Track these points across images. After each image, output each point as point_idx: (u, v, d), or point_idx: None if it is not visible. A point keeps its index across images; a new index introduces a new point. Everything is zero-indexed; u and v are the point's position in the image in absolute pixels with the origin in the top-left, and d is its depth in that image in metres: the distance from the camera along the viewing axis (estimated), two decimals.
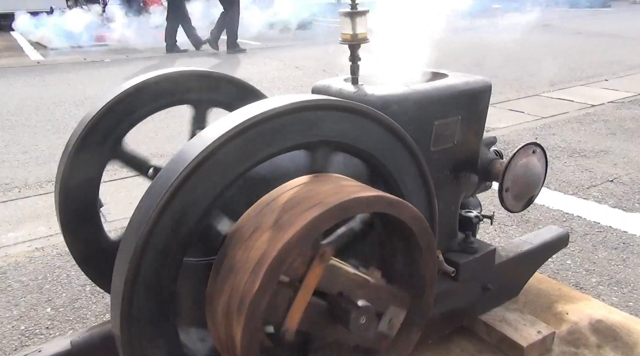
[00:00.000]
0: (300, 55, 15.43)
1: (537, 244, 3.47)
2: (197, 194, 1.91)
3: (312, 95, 2.18)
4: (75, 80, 12.33)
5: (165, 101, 2.99)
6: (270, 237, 1.85)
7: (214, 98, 3.12)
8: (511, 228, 4.84)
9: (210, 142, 1.90)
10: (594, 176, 6.08)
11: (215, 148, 1.90)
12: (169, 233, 1.88)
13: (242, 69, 13.36)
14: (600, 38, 16.80)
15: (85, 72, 13.48)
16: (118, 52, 16.90)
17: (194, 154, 1.89)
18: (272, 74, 12.48)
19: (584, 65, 12.88)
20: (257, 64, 14.15)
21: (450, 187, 2.99)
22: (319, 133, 2.12)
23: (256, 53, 16.16)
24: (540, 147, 3.06)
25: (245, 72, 12.45)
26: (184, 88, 3.02)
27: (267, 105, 2.03)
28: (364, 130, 2.23)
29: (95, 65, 14.57)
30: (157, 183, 1.91)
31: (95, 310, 3.80)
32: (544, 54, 14.57)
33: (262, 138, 2.00)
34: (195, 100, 3.10)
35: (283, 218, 1.89)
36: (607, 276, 4.08)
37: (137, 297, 1.88)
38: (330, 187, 2.02)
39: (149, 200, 1.89)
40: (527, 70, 12.18)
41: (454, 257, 3.03)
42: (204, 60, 14.73)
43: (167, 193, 1.85)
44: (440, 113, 2.76)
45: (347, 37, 2.60)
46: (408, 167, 2.42)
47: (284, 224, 1.87)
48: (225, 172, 1.95)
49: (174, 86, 2.99)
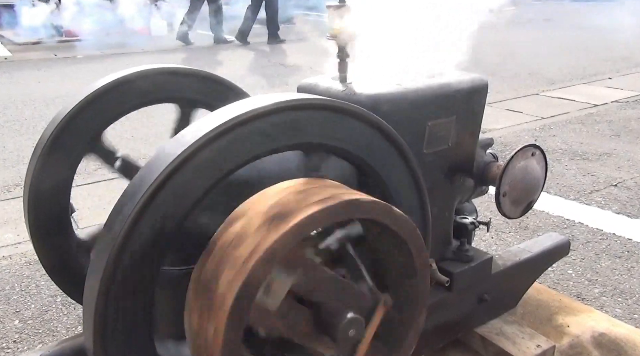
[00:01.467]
0: (287, 52, 15.42)
1: (536, 252, 3.48)
2: (177, 197, 1.91)
3: (297, 94, 2.18)
4: (45, 78, 12.27)
5: (144, 99, 2.99)
6: (262, 232, 1.87)
7: (193, 97, 3.12)
8: (509, 236, 4.86)
9: (189, 144, 1.90)
10: (596, 180, 6.10)
11: (194, 150, 1.90)
12: (146, 240, 1.88)
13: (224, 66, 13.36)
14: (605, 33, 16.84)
15: (57, 69, 13.42)
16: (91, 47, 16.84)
17: (173, 155, 1.89)
18: (256, 72, 12.48)
19: (587, 62, 12.91)
20: (241, 61, 14.15)
21: (445, 192, 2.99)
22: (304, 135, 2.12)
23: (240, 50, 16.15)
24: (540, 149, 3.07)
25: (229, 70, 12.44)
26: (162, 85, 3.02)
27: (249, 104, 2.03)
28: (352, 131, 2.23)
29: (67, 62, 14.52)
30: (134, 186, 1.91)
31: (67, 323, 3.80)
32: (544, 50, 14.60)
33: (243, 140, 2.00)
34: (176, 99, 3.10)
35: (279, 213, 1.91)
36: (610, 286, 4.10)
37: (111, 308, 1.87)
38: (309, 193, 2.03)
39: (124, 205, 1.88)
40: (526, 67, 12.21)
41: (448, 266, 3.03)
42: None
43: (144, 197, 1.84)
44: (433, 114, 2.76)
45: (335, 33, 2.60)
46: (399, 171, 2.42)
47: (277, 220, 1.88)
48: (206, 175, 1.95)
49: (153, 83, 2.99)
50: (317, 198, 1.96)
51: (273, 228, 1.85)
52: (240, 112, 1.99)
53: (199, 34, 17.25)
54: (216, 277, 1.88)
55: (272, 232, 1.84)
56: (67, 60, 14.78)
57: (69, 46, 16.99)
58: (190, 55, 15.02)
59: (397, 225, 2.11)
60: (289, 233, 1.83)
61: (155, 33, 18.02)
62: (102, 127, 2.92)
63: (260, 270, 1.80)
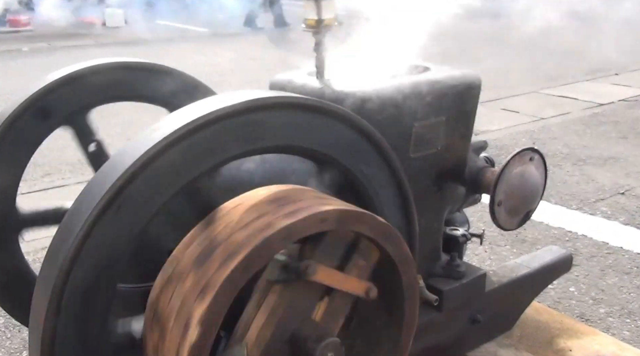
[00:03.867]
0: (257, 44, 15.40)
1: (535, 268, 3.49)
2: (131, 210, 1.90)
3: (269, 92, 2.19)
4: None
5: (97, 98, 2.98)
6: (244, 236, 1.90)
7: (150, 95, 3.10)
8: (504, 249, 4.87)
9: (145, 150, 1.89)
10: (602, 188, 6.13)
11: (152, 156, 1.89)
12: (100, 254, 1.87)
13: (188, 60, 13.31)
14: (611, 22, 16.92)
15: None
16: (39, 39, 16.74)
17: (125, 164, 1.88)
18: (224, 66, 12.45)
19: (591, 55, 12.93)
20: (207, 54, 14.10)
21: (433, 200, 3.00)
22: (277, 137, 2.12)
23: (205, 41, 16.11)
24: (539, 153, 3.09)
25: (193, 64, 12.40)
26: (118, 82, 3.00)
27: (216, 103, 2.03)
28: (330, 133, 2.23)
29: (12, 55, 14.43)
30: (86, 194, 1.90)
31: (10, 347, 3.78)
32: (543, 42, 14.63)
33: (208, 144, 1.99)
34: (134, 97, 3.09)
35: (257, 221, 1.94)
36: (617, 306, 4.12)
37: (60, 331, 1.87)
38: (313, 194, 2.05)
39: (76, 214, 1.88)
40: (522, 61, 12.21)
41: (437, 283, 3.04)
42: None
43: (97, 207, 1.84)
44: (421, 114, 2.77)
45: (311, 23, 2.61)
46: (383, 177, 2.42)
47: (255, 228, 1.91)
48: (164, 185, 1.94)
49: (108, 79, 2.97)
50: (288, 210, 1.97)
51: (229, 259, 1.87)
52: (203, 112, 1.99)
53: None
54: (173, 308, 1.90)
55: (228, 263, 1.87)
56: (12, 53, 14.70)
57: (13, 37, 16.89)
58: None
59: (380, 237, 2.12)
60: (240, 267, 1.85)
61: (110, 24, 17.94)
62: (49, 130, 2.90)
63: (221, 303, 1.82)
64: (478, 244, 4.28)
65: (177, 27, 17.01)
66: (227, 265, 1.85)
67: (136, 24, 16.91)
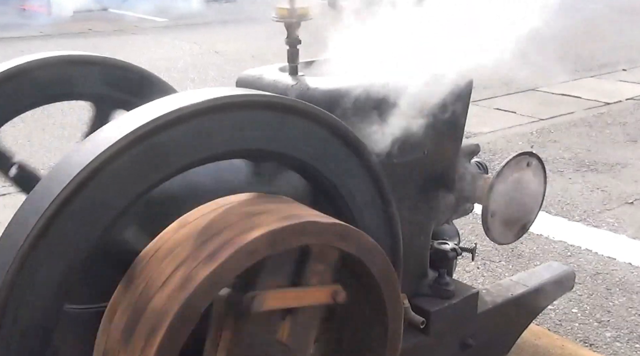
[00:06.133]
0: (222, 35, 15.40)
1: (533, 286, 3.50)
2: (82, 221, 1.89)
3: (236, 89, 2.19)
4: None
5: (42, 95, 2.97)
6: (170, 294, 1.87)
7: (104, 93, 3.10)
8: (499, 266, 4.89)
9: (94, 156, 1.88)
10: (608, 197, 6.15)
11: (101, 163, 1.88)
12: (45, 273, 1.86)
13: (144, 53, 13.29)
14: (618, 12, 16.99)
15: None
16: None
17: (74, 171, 1.87)
18: (185, 61, 12.44)
19: (596, 49, 13.00)
20: (164, 47, 14.08)
21: (419, 211, 3.01)
22: (244, 140, 2.12)
23: (162, 33, 16.09)
24: (537, 158, 3.10)
25: (149, 58, 12.38)
26: (65, 78, 2.99)
27: (174, 102, 2.03)
28: (304, 135, 2.24)
29: None
30: (29, 206, 1.90)
31: None
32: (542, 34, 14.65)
33: (166, 148, 1.99)
34: (83, 95, 3.08)
35: (216, 240, 1.93)
36: (625, 329, 4.13)
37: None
38: (243, 214, 2.03)
39: (17, 229, 1.87)
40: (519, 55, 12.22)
41: (424, 303, 3.05)
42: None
43: (41, 220, 1.83)
44: (405, 114, 2.78)
45: (283, 13, 2.61)
46: (362, 184, 2.43)
47: (214, 250, 1.90)
48: (120, 192, 1.94)
49: (54, 75, 2.96)
50: (210, 250, 1.94)
51: (153, 336, 1.86)
52: (162, 112, 1.98)
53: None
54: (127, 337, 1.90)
55: (151, 340, 1.85)
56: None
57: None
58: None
59: (359, 251, 2.12)
60: (166, 341, 1.84)
61: (57, 12, 17.87)
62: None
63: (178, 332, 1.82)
64: (469, 260, 4.31)
65: (131, 17, 16.97)
66: (151, 344, 1.83)
67: (86, 13, 16.89)
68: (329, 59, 2.96)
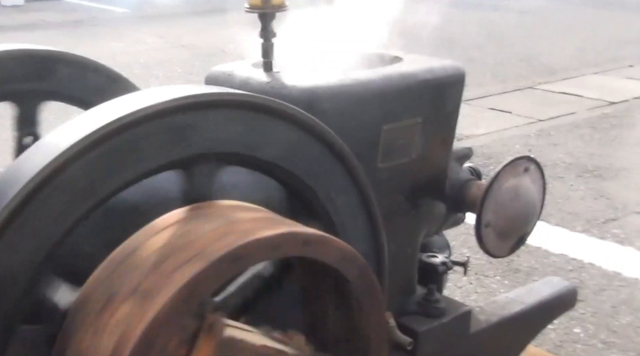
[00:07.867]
0: (189, 27, 15.40)
1: (531, 304, 3.51)
2: (21, 248, 1.87)
3: (203, 87, 2.19)
4: None
5: None
6: (130, 311, 1.83)
7: (55, 91, 3.07)
8: (494, 281, 4.90)
9: (45, 164, 1.86)
10: (613, 205, 6.17)
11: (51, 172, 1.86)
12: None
13: (103, 47, 13.28)
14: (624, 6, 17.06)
15: None
16: None
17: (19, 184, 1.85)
18: (148, 56, 12.43)
19: (599, 44, 13.05)
20: (125, 41, 14.07)
21: (406, 220, 3.02)
22: (212, 143, 2.12)
23: (124, 24, 16.09)
24: (536, 163, 3.11)
25: (109, 52, 12.37)
26: (14, 74, 2.98)
27: (135, 102, 2.02)
28: (280, 138, 2.24)
29: None
30: None
31: None
32: (542, 29, 14.74)
33: (125, 154, 1.97)
34: (20, 93, 3.04)
35: (148, 280, 1.87)
36: (633, 351, 4.15)
37: None
38: (216, 225, 2.00)
39: None
40: (516, 51, 12.30)
41: (411, 322, 3.05)
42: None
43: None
44: (391, 114, 2.78)
45: (256, 3, 2.61)
46: (344, 191, 2.43)
47: (150, 290, 1.84)
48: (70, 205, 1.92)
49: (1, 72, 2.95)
50: (236, 231, 1.94)
51: (173, 274, 1.83)
52: (117, 115, 1.95)
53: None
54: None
55: (173, 278, 1.82)
56: None
57: None
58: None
59: (340, 264, 2.11)
60: (196, 279, 1.80)
61: (7, 2, 17.87)
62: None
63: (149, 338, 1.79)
64: (461, 274, 4.31)
65: (89, 7, 16.97)
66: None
67: (38, 3, 16.89)
68: (307, 53, 2.96)
